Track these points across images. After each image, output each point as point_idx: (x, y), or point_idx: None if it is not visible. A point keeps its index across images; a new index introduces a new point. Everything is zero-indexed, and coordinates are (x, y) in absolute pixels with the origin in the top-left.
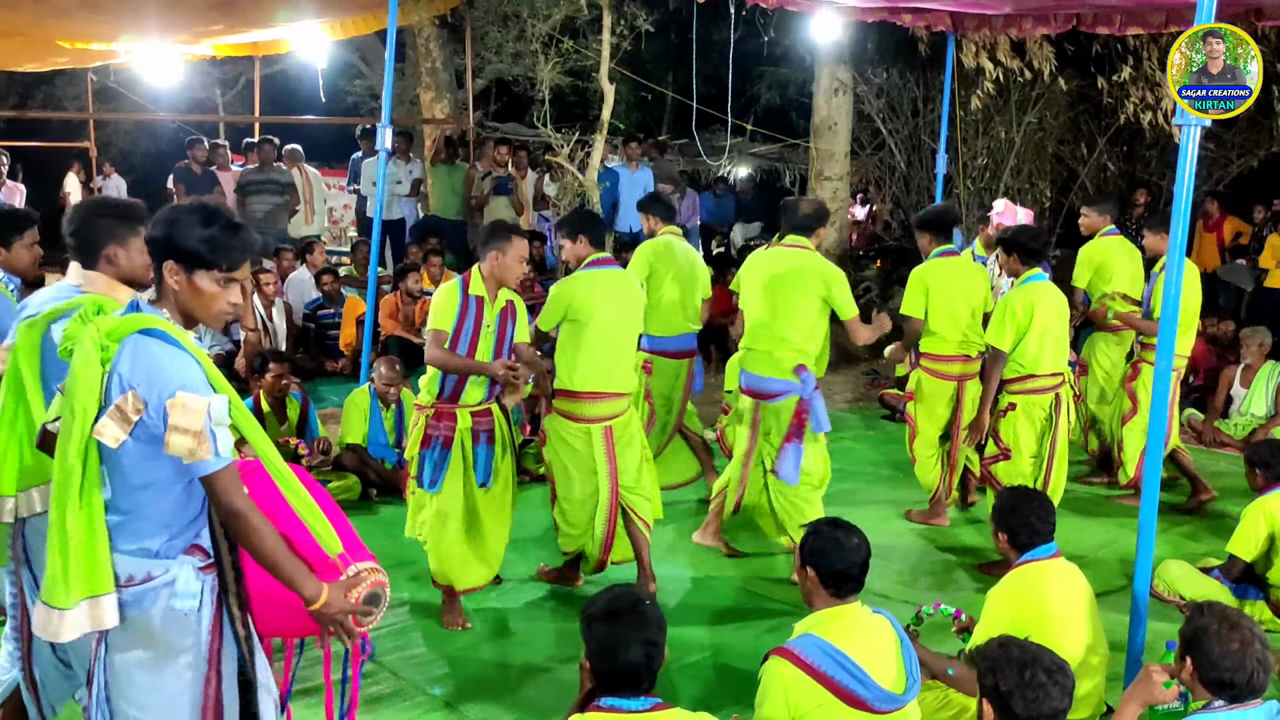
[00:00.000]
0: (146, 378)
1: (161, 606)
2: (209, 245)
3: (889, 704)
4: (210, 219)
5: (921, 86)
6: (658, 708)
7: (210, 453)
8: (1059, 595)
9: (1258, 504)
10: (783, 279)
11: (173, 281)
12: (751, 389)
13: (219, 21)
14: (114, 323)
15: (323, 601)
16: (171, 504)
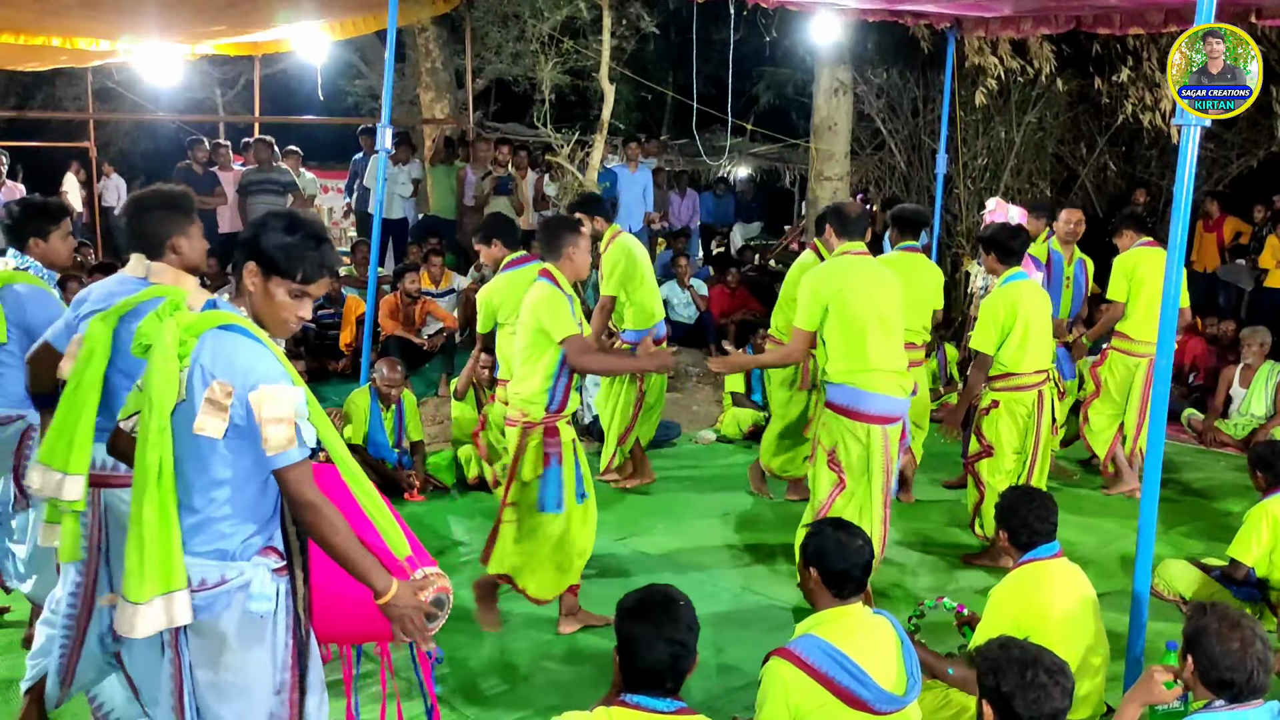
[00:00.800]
0: (229, 368)
1: (236, 610)
2: (287, 254)
3: (890, 705)
4: (294, 229)
5: (921, 86)
6: (682, 712)
7: (294, 443)
8: (1060, 595)
9: (1260, 507)
10: (890, 289)
11: (250, 283)
12: (876, 412)
13: (219, 22)
14: (192, 319)
15: (393, 594)
16: (246, 502)
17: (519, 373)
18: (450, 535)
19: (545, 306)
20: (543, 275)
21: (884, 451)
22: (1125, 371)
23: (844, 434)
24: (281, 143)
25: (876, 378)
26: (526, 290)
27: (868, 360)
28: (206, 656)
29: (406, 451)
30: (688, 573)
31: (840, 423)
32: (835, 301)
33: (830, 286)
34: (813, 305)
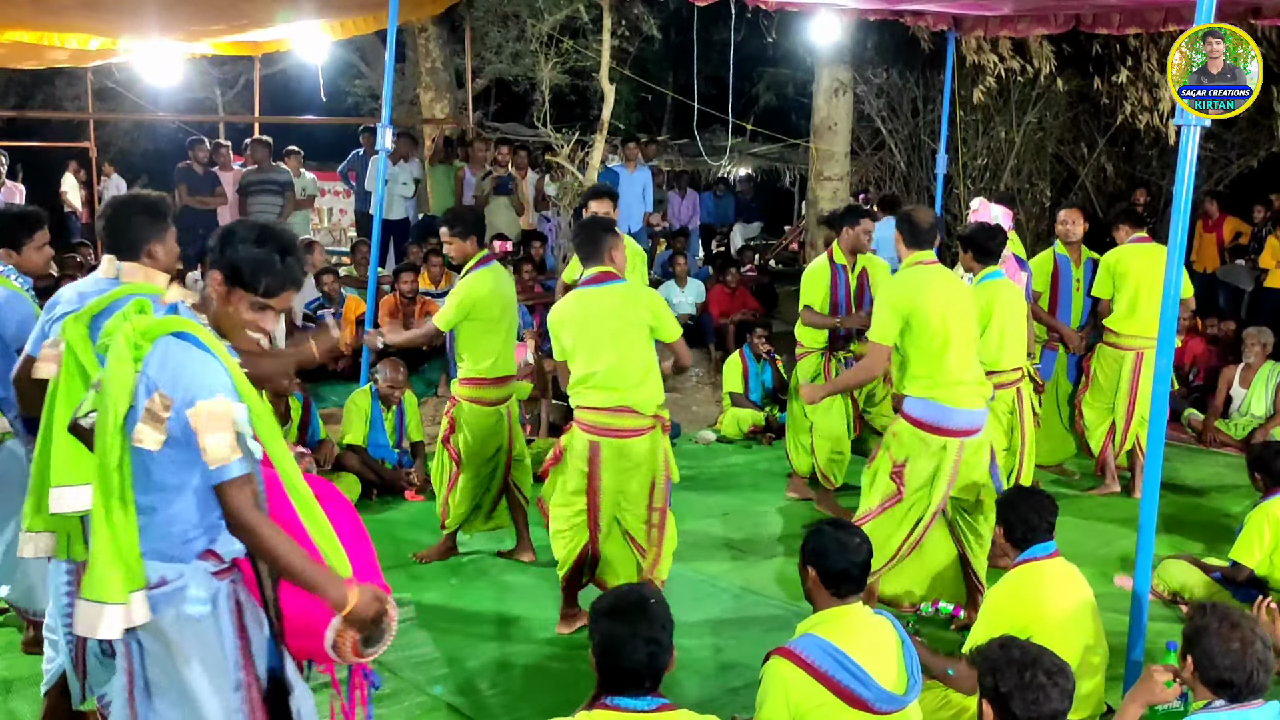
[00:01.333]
0: (172, 379)
1: (174, 612)
2: (252, 266)
3: (890, 704)
4: (263, 241)
5: (921, 86)
6: (664, 708)
7: (232, 458)
8: (1058, 595)
9: (1261, 509)
10: (964, 299)
11: (213, 291)
12: (956, 426)
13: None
14: (149, 323)
15: (355, 601)
16: (190, 507)
17: (645, 378)
18: None
19: (660, 306)
20: (611, 279)
21: (954, 464)
22: (1113, 365)
23: (918, 448)
24: (281, 143)
25: (959, 391)
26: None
27: (949, 373)
28: (155, 657)
29: (406, 452)
30: (688, 573)
31: (916, 436)
32: (914, 315)
33: (907, 299)
34: (891, 318)
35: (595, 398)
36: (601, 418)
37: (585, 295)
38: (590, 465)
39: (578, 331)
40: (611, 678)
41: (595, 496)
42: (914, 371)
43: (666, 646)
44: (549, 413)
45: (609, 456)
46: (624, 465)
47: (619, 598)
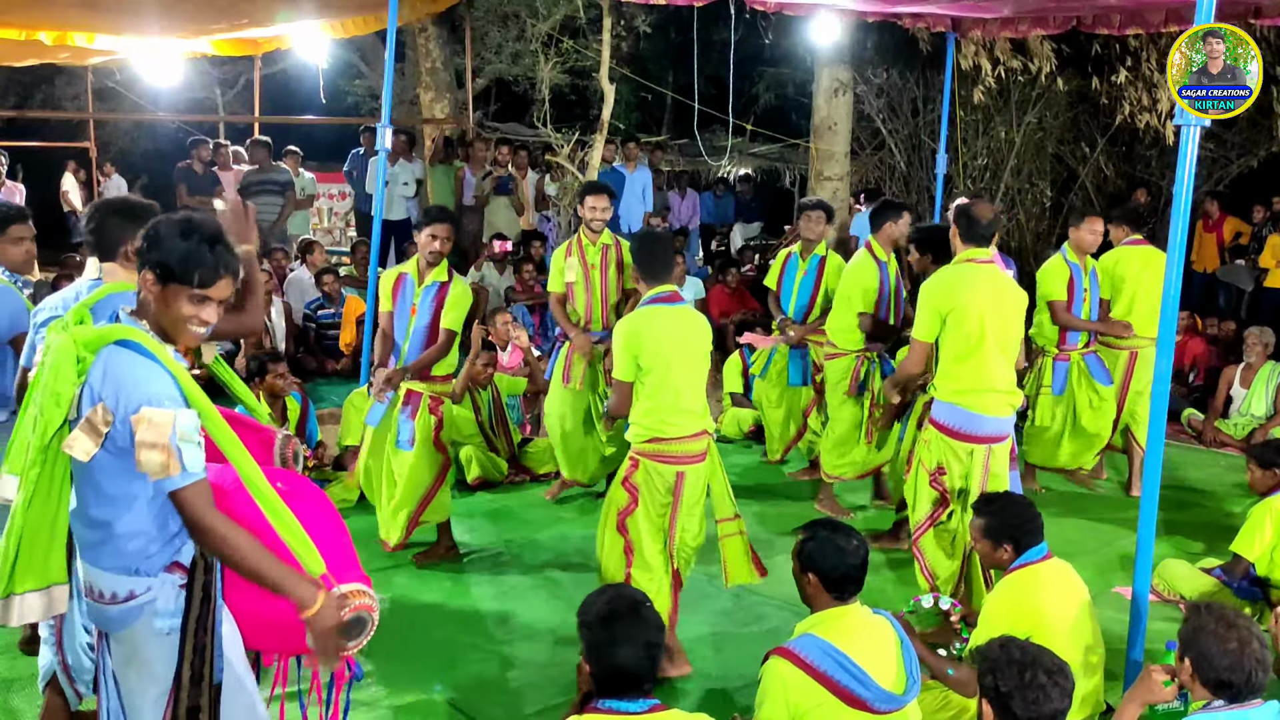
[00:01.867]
0: (115, 390)
1: (144, 625)
2: (183, 260)
3: (889, 704)
4: (189, 233)
5: (921, 86)
6: (656, 709)
7: (177, 469)
8: (1054, 597)
9: (1264, 504)
10: (1012, 303)
11: (148, 293)
12: (984, 433)
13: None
14: (92, 333)
15: (318, 607)
16: (147, 518)
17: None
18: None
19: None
20: (679, 300)
21: (982, 471)
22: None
23: (948, 454)
24: (281, 143)
25: (989, 399)
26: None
27: (981, 380)
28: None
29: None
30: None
31: (945, 443)
32: (952, 313)
33: (948, 298)
34: (931, 317)
35: (680, 426)
36: (686, 445)
37: (664, 315)
38: (675, 497)
39: (663, 358)
40: (606, 682)
41: (675, 527)
42: (945, 372)
43: (656, 651)
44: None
45: (692, 483)
46: (699, 487)
47: (611, 602)
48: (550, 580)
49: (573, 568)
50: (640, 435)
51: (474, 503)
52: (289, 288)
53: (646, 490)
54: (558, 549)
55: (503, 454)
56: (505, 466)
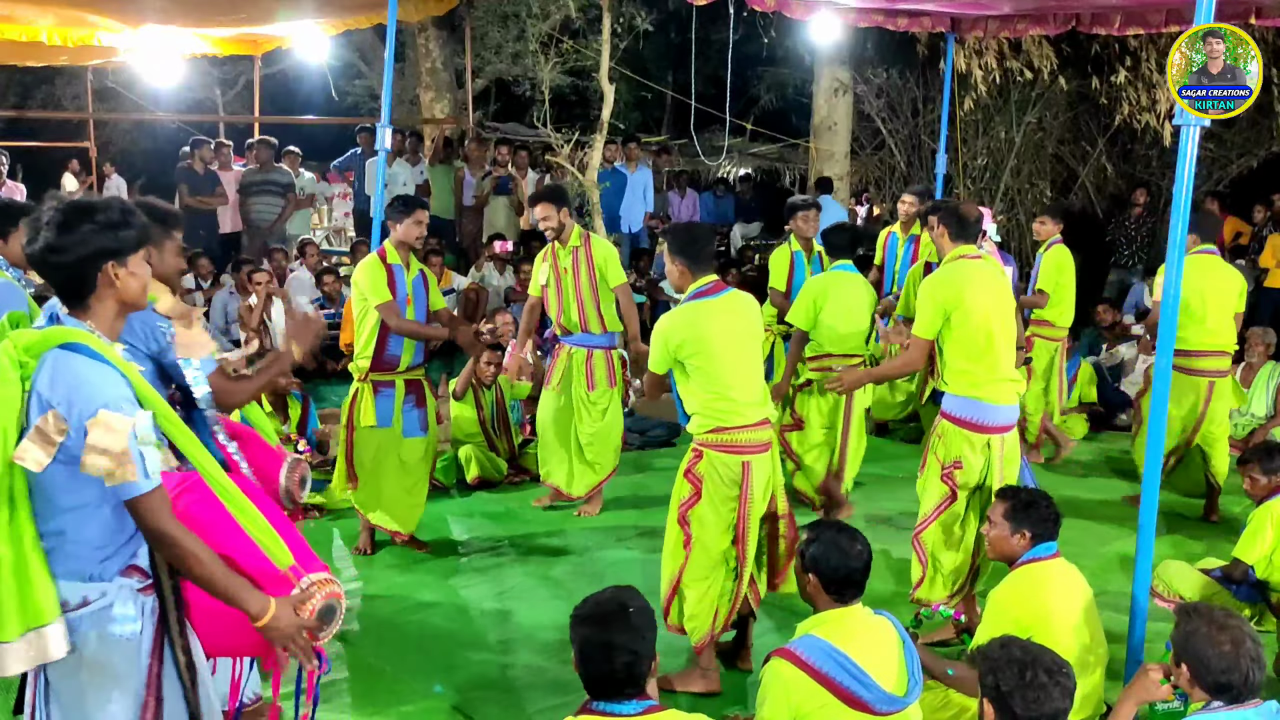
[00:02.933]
0: (67, 396)
1: (98, 632)
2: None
3: (890, 705)
4: (81, 219)
5: (921, 86)
6: (651, 710)
7: (136, 474)
8: (1059, 595)
9: (1265, 508)
10: (1007, 295)
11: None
12: (997, 423)
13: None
14: (32, 337)
15: (270, 616)
16: (101, 525)
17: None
18: (450, 535)
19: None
20: (724, 288)
21: (1000, 460)
22: (1046, 354)
23: (965, 448)
24: (281, 143)
25: (1000, 389)
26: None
27: (993, 370)
28: (63, 676)
29: None
30: None
31: (961, 436)
32: (957, 310)
33: (951, 294)
34: (933, 313)
35: (743, 416)
36: (750, 434)
37: (710, 309)
38: (743, 489)
39: (710, 352)
40: (593, 683)
41: (746, 521)
42: (957, 368)
43: (645, 655)
44: None
45: (758, 474)
46: (765, 478)
47: (599, 604)
48: (550, 580)
49: (573, 567)
50: (703, 425)
51: (474, 503)
52: (290, 288)
53: (710, 482)
54: (558, 549)
55: (503, 454)
56: (505, 466)
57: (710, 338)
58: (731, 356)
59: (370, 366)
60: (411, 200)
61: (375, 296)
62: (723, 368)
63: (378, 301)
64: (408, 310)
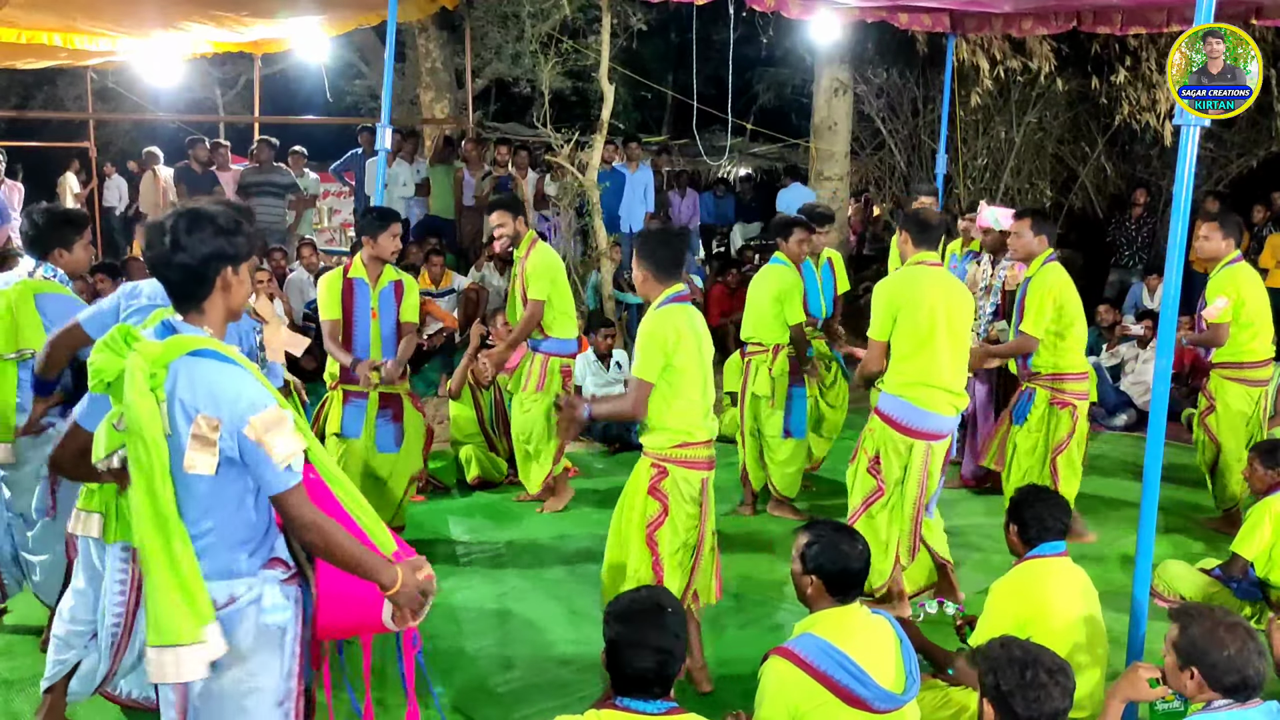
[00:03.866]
0: (213, 399)
1: (250, 625)
2: (236, 245)
3: (888, 703)
4: (231, 220)
5: (921, 86)
6: (672, 712)
7: (297, 465)
8: (1061, 593)
9: (1263, 504)
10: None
11: (240, 280)
12: (926, 429)
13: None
14: (157, 349)
15: (399, 583)
16: (245, 521)
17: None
18: (450, 535)
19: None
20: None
21: (922, 468)
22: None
23: (888, 444)
24: (281, 143)
25: (935, 395)
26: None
27: (928, 376)
28: (216, 671)
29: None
30: None
31: (887, 433)
32: (904, 312)
33: (901, 297)
34: (884, 315)
35: (707, 429)
36: (708, 451)
37: (688, 314)
38: (702, 506)
39: (690, 357)
40: (623, 680)
41: (703, 536)
42: (894, 367)
43: (677, 656)
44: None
45: (709, 490)
46: (712, 493)
47: (634, 602)
48: (550, 581)
49: (573, 568)
50: (671, 440)
51: (474, 503)
52: (288, 288)
53: (675, 499)
54: (558, 549)
55: (503, 454)
56: (505, 466)
57: (688, 342)
58: (698, 366)
59: (340, 377)
60: (386, 213)
61: (323, 314)
62: (694, 377)
63: (324, 318)
64: (371, 324)
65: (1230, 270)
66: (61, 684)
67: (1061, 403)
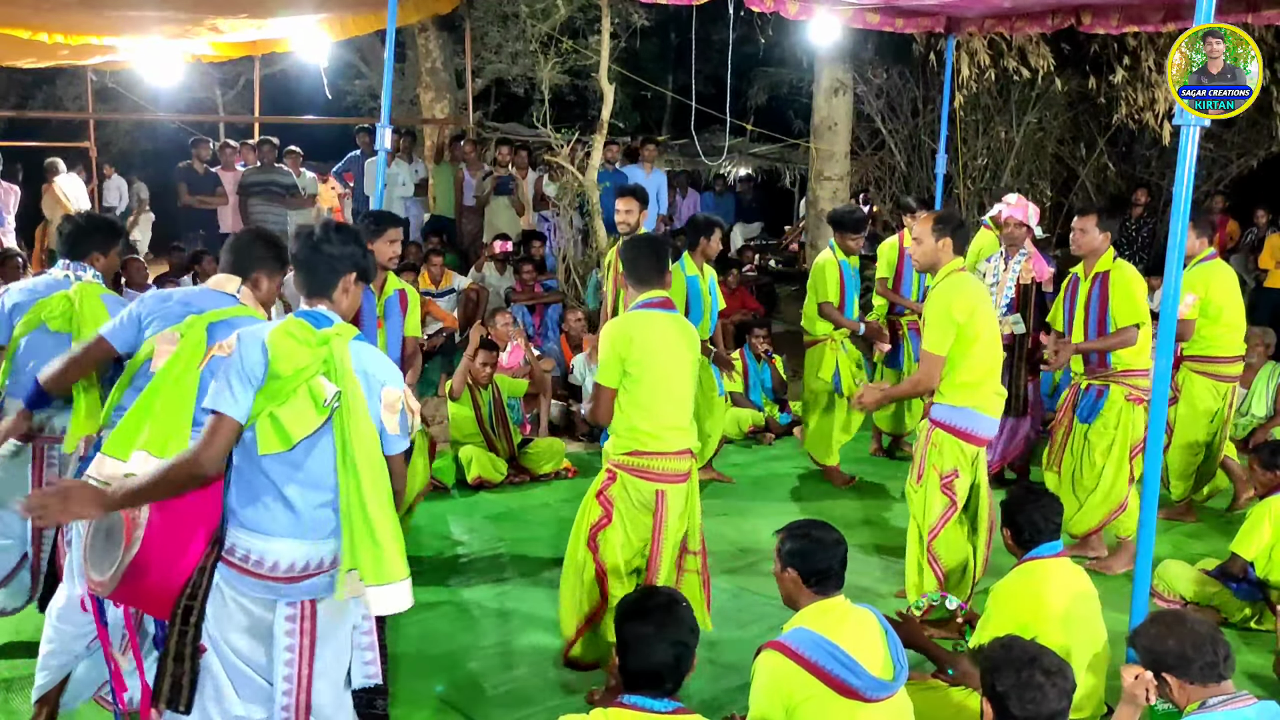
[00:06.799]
0: (386, 376)
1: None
2: (356, 256)
3: (879, 691)
4: (356, 241)
5: (921, 86)
6: (679, 712)
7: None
8: (1061, 593)
9: (1264, 504)
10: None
11: (344, 293)
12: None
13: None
14: (330, 333)
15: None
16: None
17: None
18: (450, 535)
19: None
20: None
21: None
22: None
23: (959, 458)
24: (281, 143)
25: (995, 399)
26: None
27: (992, 381)
28: (329, 622)
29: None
30: None
31: (956, 446)
32: (969, 322)
33: (964, 308)
34: (948, 328)
35: (664, 441)
36: (668, 463)
37: (656, 320)
38: (657, 516)
39: (651, 364)
40: (632, 677)
41: (659, 548)
42: (960, 380)
43: (692, 650)
44: (548, 412)
45: (674, 505)
46: (679, 508)
47: (646, 598)
48: (550, 580)
49: None
50: (620, 446)
51: (474, 503)
52: (288, 288)
53: (623, 505)
54: (558, 549)
55: (502, 454)
56: (505, 466)
57: (652, 349)
58: (666, 375)
59: None
60: (383, 217)
61: None
62: (656, 385)
63: None
64: (378, 334)
65: (1201, 268)
66: (54, 693)
67: (1137, 399)
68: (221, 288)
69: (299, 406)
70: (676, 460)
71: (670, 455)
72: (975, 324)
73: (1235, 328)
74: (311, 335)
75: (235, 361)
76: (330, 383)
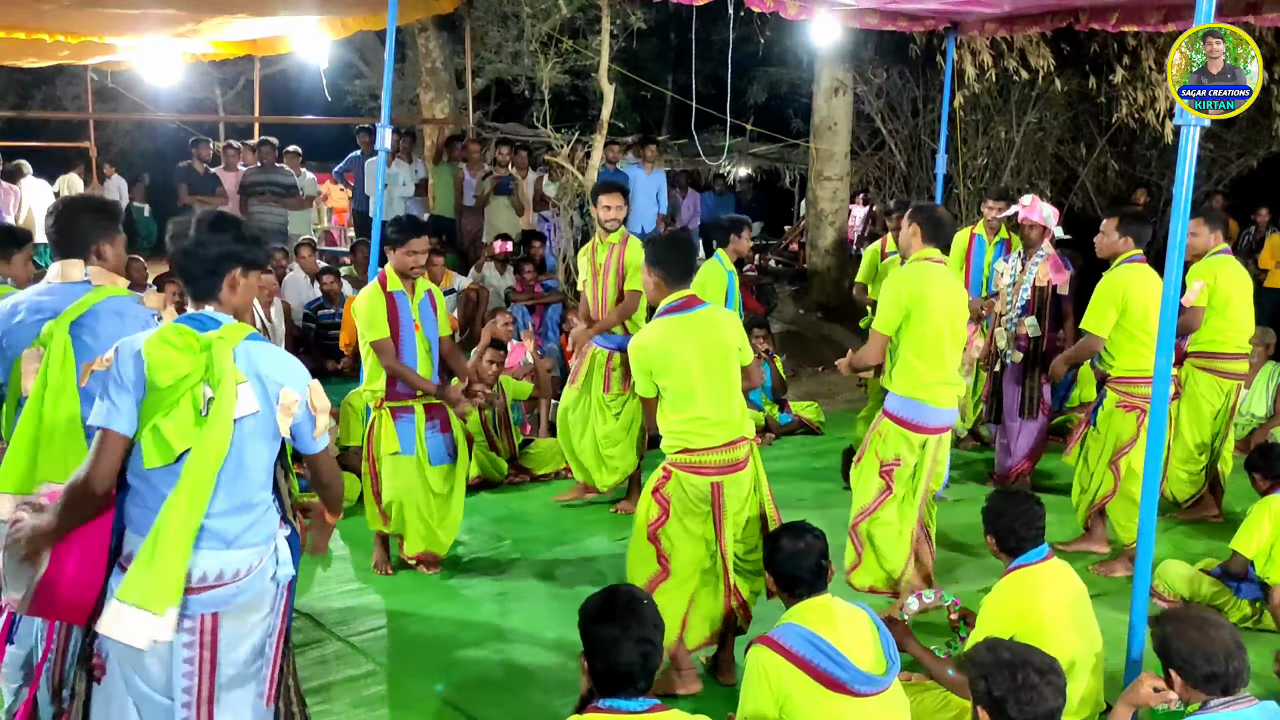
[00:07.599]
0: (284, 376)
1: (260, 582)
2: (261, 249)
3: (868, 685)
4: (250, 230)
5: (921, 86)
6: (656, 709)
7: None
8: (1053, 598)
9: (1264, 503)
10: (962, 301)
11: (247, 283)
12: (938, 425)
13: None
14: (232, 333)
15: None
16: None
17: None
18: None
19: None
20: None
21: (932, 460)
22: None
23: (903, 447)
24: (281, 143)
25: (945, 392)
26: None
27: (940, 374)
28: (235, 640)
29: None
30: None
31: (902, 435)
32: (917, 312)
33: (915, 296)
34: (894, 311)
35: (711, 437)
36: (719, 455)
37: (677, 326)
38: (714, 507)
39: (679, 371)
40: (605, 680)
41: (722, 536)
42: (904, 367)
43: (659, 646)
44: (548, 412)
45: (732, 493)
46: (741, 495)
47: (609, 598)
48: (550, 580)
49: (574, 568)
50: (671, 446)
51: (474, 503)
52: (286, 288)
53: (679, 502)
54: (558, 549)
55: (503, 454)
56: (505, 466)
57: (679, 357)
58: (702, 375)
59: (385, 395)
60: (407, 226)
61: (371, 333)
62: (693, 388)
63: (373, 338)
64: (416, 336)
65: (1212, 260)
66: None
67: (1129, 405)
68: (68, 277)
69: (180, 417)
70: (727, 451)
71: (719, 449)
72: (924, 312)
73: (1240, 324)
74: (194, 340)
75: (114, 374)
76: (210, 389)
